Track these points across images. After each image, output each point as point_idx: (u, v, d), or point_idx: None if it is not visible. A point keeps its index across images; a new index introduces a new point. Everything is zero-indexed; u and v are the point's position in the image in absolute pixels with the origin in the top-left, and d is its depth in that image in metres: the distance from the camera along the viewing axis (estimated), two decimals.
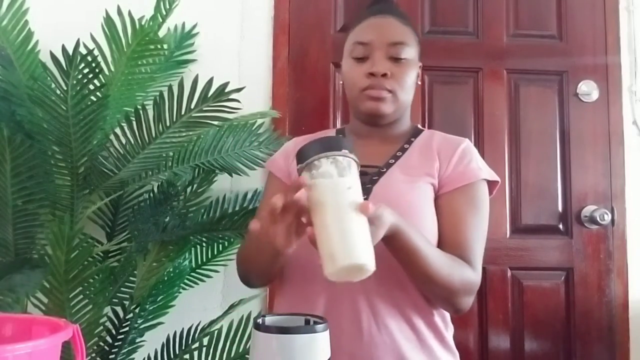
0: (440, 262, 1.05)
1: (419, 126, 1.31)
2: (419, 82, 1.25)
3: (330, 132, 1.32)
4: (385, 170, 1.17)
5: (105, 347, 1.54)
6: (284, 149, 1.30)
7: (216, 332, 1.59)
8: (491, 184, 1.19)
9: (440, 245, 1.12)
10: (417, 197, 1.13)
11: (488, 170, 1.19)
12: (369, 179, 1.14)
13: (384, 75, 1.15)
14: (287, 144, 1.31)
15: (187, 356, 1.59)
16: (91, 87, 1.33)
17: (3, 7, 1.61)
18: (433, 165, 1.17)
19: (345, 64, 1.22)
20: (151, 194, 1.68)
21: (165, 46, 1.61)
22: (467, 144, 1.21)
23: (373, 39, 1.17)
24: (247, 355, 1.58)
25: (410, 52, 1.18)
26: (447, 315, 1.17)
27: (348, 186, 0.84)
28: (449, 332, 1.16)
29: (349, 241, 0.81)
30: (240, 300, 1.62)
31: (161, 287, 1.62)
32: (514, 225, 1.95)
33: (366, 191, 1.11)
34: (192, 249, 1.71)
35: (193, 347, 1.59)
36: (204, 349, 1.59)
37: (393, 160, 1.18)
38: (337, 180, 0.84)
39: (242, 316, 1.59)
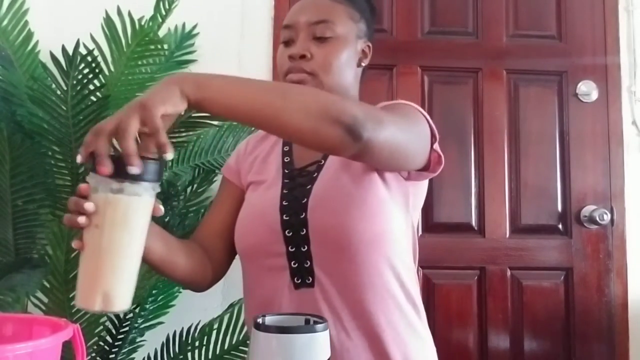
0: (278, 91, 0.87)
1: None
2: (364, 63, 1.13)
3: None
4: (323, 162, 1.08)
5: (106, 346, 1.54)
6: (236, 150, 1.22)
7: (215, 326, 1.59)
8: None
9: None
10: (359, 186, 1.03)
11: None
12: (309, 178, 1.07)
13: (303, 57, 1.06)
14: (239, 146, 1.23)
15: (188, 355, 1.59)
16: (91, 87, 1.33)
17: (3, 8, 1.62)
18: None
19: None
20: None
21: (165, 46, 1.62)
22: None
23: (296, 21, 1.09)
24: (240, 347, 1.59)
25: (339, 30, 1.07)
26: (418, 299, 1.07)
27: (147, 215, 0.76)
28: (420, 318, 1.07)
29: (124, 286, 0.74)
30: (240, 299, 1.61)
31: (161, 287, 1.62)
32: (513, 225, 1.95)
33: (306, 191, 1.04)
34: None
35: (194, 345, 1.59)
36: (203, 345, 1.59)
37: None
38: (146, 201, 0.75)
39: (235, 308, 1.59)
